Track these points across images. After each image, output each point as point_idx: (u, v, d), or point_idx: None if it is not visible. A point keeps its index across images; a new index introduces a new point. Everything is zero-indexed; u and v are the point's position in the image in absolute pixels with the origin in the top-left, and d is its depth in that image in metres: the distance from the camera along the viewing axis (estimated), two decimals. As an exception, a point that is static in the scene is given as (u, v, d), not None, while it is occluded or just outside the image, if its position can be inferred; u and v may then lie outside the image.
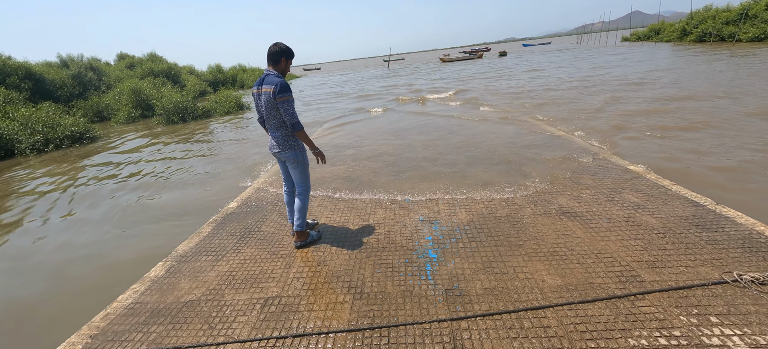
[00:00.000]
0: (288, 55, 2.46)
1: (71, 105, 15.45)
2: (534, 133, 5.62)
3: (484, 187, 3.54)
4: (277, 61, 2.42)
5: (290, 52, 2.47)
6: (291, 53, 2.47)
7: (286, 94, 2.32)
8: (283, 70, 2.46)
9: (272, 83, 2.32)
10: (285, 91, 2.32)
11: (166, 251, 2.95)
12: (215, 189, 4.74)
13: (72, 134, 9.17)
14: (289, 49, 2.47)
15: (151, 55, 26.39)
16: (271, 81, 2.34)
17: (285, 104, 2.33)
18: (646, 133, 5.27)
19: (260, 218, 3.33)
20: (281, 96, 2.31)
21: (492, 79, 15.23)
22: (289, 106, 2.34)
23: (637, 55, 19.38)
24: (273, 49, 2.40)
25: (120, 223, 4.06)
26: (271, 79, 2.35)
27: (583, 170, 3.76)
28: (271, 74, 2.38)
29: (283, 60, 2.44)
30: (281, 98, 2.31)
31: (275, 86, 2.30)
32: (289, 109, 2.34)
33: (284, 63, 2.45)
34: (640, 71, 12.44)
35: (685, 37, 29.44)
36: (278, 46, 2.41)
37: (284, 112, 2.34)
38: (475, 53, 41.28)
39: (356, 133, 6.92)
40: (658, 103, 7.18)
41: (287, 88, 2.34)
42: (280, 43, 2.45)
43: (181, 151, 7.31)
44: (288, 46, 2.47)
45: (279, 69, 2.43)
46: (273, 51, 2.40)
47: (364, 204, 3.40)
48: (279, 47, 2.41)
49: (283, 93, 2.31)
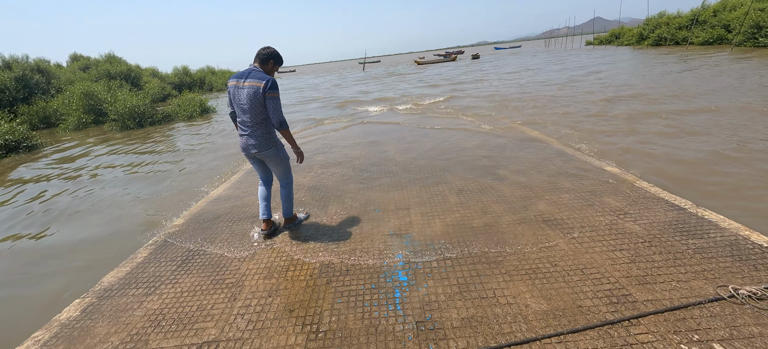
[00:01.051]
0: (277, 60, 2.47)
1: (14, 110, 13.93)
2: (508, 135, 5.49)
3: (459, 193, 3.29)
4: (265, 61, 2.43)
5: (279, 59, 2.49)
6: (280, 60, 2.49)
7: (275, 91, 2.32)
8: (269, 72, 2.46)
9: (262, 79, 2.30)
10: (275, 88, 2.33)
11: (90, 284, 2.45)
12: (159, 204, 4.18)
13: (6, 143, 8.11)
14: (279, 54, 2.49)
15: (109, 56, 24.57)
16: (259, 76, 2.32)
17: (273, 101, 2.33)
18: (621, 134, 5.27)
19: (208, 236, 2.89)
20: (271, 92, 2.30)
21: (470, 83, 15.31)
22: (277, 103, 2.35)
23: (608, 58, 20.26)
24: (263, 50, 2.42)
25: (31, 255, 3.45)
26: (260, 74, 2.34)
27: (560, 173, 3.61)
28: (258, 70, 2.37)
29: (271, 63, 2.45)
30: (271, 94, 2.31)
31: (266, 82, 2.29)
32: (277, 107, 2.35)
33: (271, 66, 2.45)
34: (614, 74, 12.88)
35: (643, 41, 31.33)
36: (270, 48, 2.44)
37: (272, 109, 2.32)
38: (449, 56, 41.94)
39: (327, 139, 6.53)
40: (633, 102, 7.33)
41: (276, 86, 2.35)
42: (275, 49, 2.47)
43: (127, 161, 6.59)
44: (278, 52, 2.49)
45: (265, 70, 2.43)
46: (263, 52, 2.42)
47: (329, 217, 3.04)
48: (270, 50, 2.43)
49: (273, 89, 2.31)
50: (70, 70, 21.02)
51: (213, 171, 5.32)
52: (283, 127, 2.39)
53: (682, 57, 15.94)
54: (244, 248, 2.63)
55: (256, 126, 2.39)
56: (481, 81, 14.72)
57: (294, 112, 11.16)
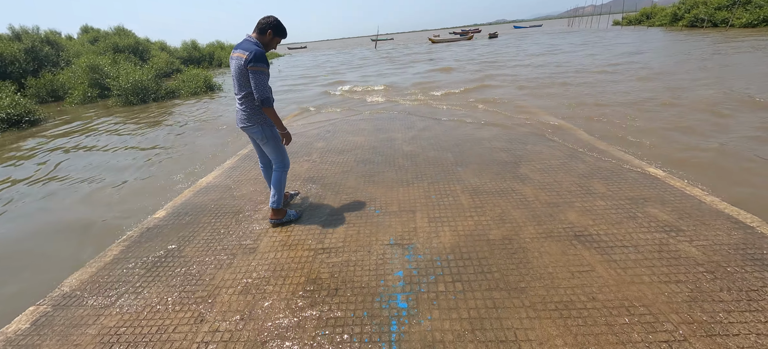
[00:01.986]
0: (277, 31, 2.23)
1: (23, 83, 13.91)
2: (530, 125, 4.94)
3: (474, 194, 2.85)
4: (263, 31, 2.20)
5: (280, 29, 2.24)
6: (281, 30, 2.24)
7: (260, 65, 2.09)
8: (267, 44, 2.23)
9: (248, 50, 2.10)
10: (260, 60, 2.09)
11: (52, 285, 2.18)
12: (144, 191, 3.88)
13: (8, 117, 7.98)
14: (280, 24, 2.24)
15: (118, 29, 24.33)
16: (247, 47, 2.12)
17: (257, 75, 2.10)
18: (665, 130, 4.66)
19: (188, 235, 2.57)
20: (254, 65, 2.08)
21: (488, 65, 14.45)
22: (261, 78, 2.12)
23: (642, 40, 18.83)
24: (263, 19, 2.20)
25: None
26: (249, 45, 2.13)
27: (593, 173, 3.11)
28: (250, 40, 2.17)
29: (269, 33, 2.21)
30: (254, 68, 2.09)
31: (250, 53, 2.08)
32: (260, 82, 2.12)
33: (269, 37, 2.22)
34: (653, 58, 11.85)
35: (677, 21, 29.10)
36: (270, 17, 2.21)
37: (255, 83, 2.11)
38: (466, 34, 40.13)
39: (331, 123, 6.10)
40: (669, 92, 6.59)
41: (262, 59, 2.11)
42: (277, 18, 2.23)
43: (119, 141, 6.34)
44: (280, 22, 2.24)
45: (263, 40, 2.21)
46: (262, 21, 2.20)
47: (323, 216, 2.67)
48: (270, 20, 2.20)
49: (256, 62, 2.08)
50: (79, 43, 20.91)
51: (206, 155, 4.99)
52: (264, 104, 2.18)
53: (725, 39, 14.57)
54: (223, 252, 2.30)
55: (243, 99, 2.24)
56: (500, 63, 13.84)
57: (297, 92, 10.70)
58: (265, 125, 2.30)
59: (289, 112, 7.40)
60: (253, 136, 2.39)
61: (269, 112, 2.23)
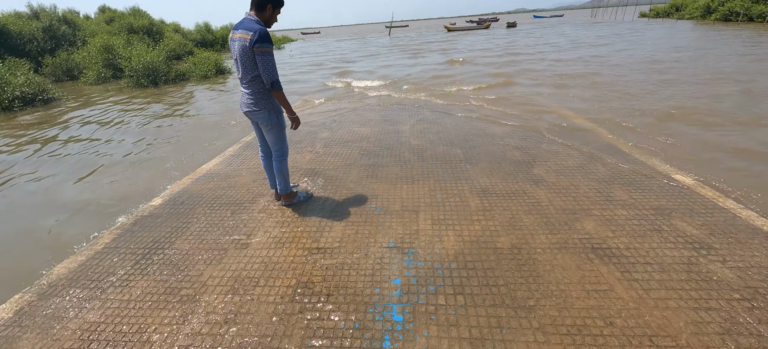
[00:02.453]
0: (276, 3, 2.09)
1: (40, 61, 14.16)
2: (547, 121, 4.67)
3: (483, 195, 2.67)
4: (262, 6, 2.06)
5: (279, 1, 2.11)
6: (279, 2, 2.11)
7: (265, 45, 1.98)
8: (268, 20, 2.10)
9: (251, 29, 1.97)
10: (265, 40, 1.98)
11: (38, 273, 2.13)
12: (144, 176, 3.81)
13: (23, 95, 8.10)
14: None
15: (134, 10, 24.46)
16: (249, 26, 1.99)
17: (263, 57, 2.00)
18: (696, 132, 4.32)
19: (182, 224, 2.48)
20: (260, 46, 1.97)
21: (505, 56, 13.92)
22: (268, 59, 2.02)
23: (675, 33, 17.81)
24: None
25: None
26: (250, 23, 2.00)
27: (613, 177, 2.88)
28: (251, 19, 2.03)
29: (269, 7, 2.07)
30: (260, 49, 1.98)
31: (254, 33, 1.96)
32: (268, 64, 2.02)
33: (270, 11, 2.09)
34: (691, 54, 11.16)
35: (709, 15, 27.44)
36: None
37: (262, 66, 2.02)
38: (483, 23, 38.92)
39: (337, 112, 5.94)
40: (705, 86, 6.15)
41: (268, 38, 1.99)
42: None
43: (127, 122, 6.33)
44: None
45: (263, 17, 2.08)
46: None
47: (322, 211, 2.54)
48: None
49: (262, 42, 1.97)
50: (95, 23, 21.10)
51: (209, 140, 4.91)
52: (274, 87, 2.09)
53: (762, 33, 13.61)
54: (214, 247, 2.20)
55: (249, 83, 2.13)
56: (518, 55, 13.30)
57: (305, 80, 10.53)
58: (272, 111, 2.21)
59: (291, 102, 7.25)
60: (257, 122, 2.31)
61: (279, 96, 2.14)
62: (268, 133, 2.33)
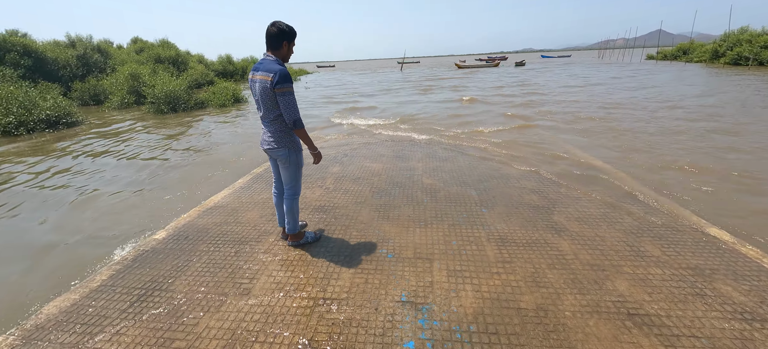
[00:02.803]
0: (290, 37, 2.07)
1: (70, 86, 14.97)
2: (564, 164, 4.54)
3: (501, 244, 2.50)
4: (278, 45, 2.05)
5: (292, 34, 2.08)
6: (293, 34, 2.08)
7: (286, 86, 1.99)
8: (285, 56, 2.11)
9: (271, 70, 1.98)
10: (285, 81, 1.99)
11: (29, 308, 2.01)
12: (150, 206, 3.78)
13: (48, 118, 8.44)
14: (292, 29, 2.07)
15: (163, 42, 26.08)
16: (269, 67, 2.00)
17: (285, 97, 2.01)
18: (731, 182, 4.12)
19: (183, 263, 2.37)
20: (281, 87, 1.98)
21: (517, 95, 14.11)
22: (290, 99, 2.03)
23: (689, 76, 17.89)
24: (271, 30, 2.02)
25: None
26: (270, 65, 2.02)
27: (642, 230, 2.68)
28: (270, 60, 2.05)
29: (285, 44, 2.07)
30: (281, 89, 1.99)
31: (274, 74, 1.97)
32: (289, 103, 2.03)
33: (286, 47, 2.09)
34: (711, 98, 11.07)
35: (718, 59, 27.67)
36: (277, 26, 2.02)
37: (284, 106, 2.03)
38: (492, 61, 40.06)
39: (349, 146, 5.94)
40: (727, 137, 5.98)
41: (288, 78, 2.00)
42: (279, 22, 2.04)
43: (139, 148, 6.45)
44: (290, 26, 2.06)
45: (280, 54, 2.08)
46: (272, 33, 2.02)
47: (329, 255, 2.39)
48: (278, 27, 2.02)
49: (282, 83, 1.98)
50: (126, 52, 22.48)
51: (220, 169, 4.92)
52: (297, 126, 2.10)
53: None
54: (214, 291, 2.06)
55: (271, 122, 2.14)
56: (530, 93, 13.45)
57: (319, 112, 10.76)
58: (292, 149, 2.21)
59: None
60: (276, 159, 2.29)
61: (301, 134, 2.15)
62: (284, 171, 2.30)
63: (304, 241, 2.55)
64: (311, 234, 2.60)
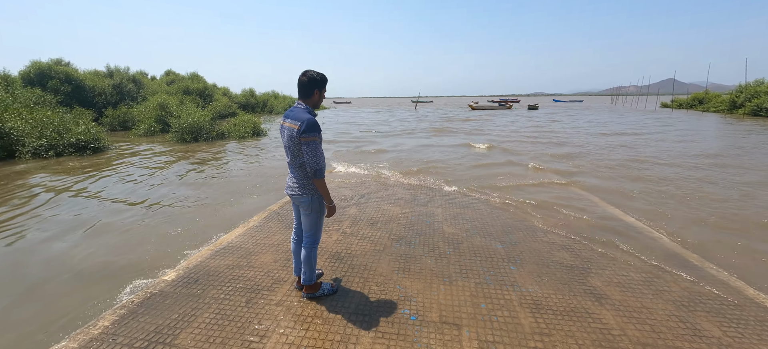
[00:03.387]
0: (321, 85, 2.10)
1: (102, 112, 15.86)
2: (593, 216, 4.29)
3: (535, 311, 2.25)
4: (309, 93, 2.08)
5: (323, 81, 2.11)
6: (324, 82, 2.11)
7: (312, 135, 1.98)
8: (316, 103, 2.13)
9: (299, 119, 1.99)
10: (312, 130, 1.97)
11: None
12: (161, 241, 3.69)
13: (77, 143, 8.82)
14: (323, 77, 2.11)
15: (193, 74, 27.81)
16: (297, 116, 2.01)
17: (310, 146, 1.99)
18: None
19: (190, 311, 2.21)
20: (306, 136, 1.97)
21: (533, 138, 14.07)
22: (315, 148, 2.01)
23: (713, 126, 17.54)
24: (302, 80, 2.05)
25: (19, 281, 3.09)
26: (299, 113, 2.03)
27: (694, 302, 2.39)
28: (300, 108, 2.06)
29: (316, 92, 2.10)
30: (306, 139, 1.98)
31: (302, 124, 1.97)
32: (313, 153, 2.01)
33: (317, 95, 2.11)
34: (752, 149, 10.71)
35: (736, 109, 27.24)
36: (308, 75, 2.05)
37: (307, 154, 2.01)
38: (505, 104, 40.69)
39: (366, 186, 5.87)
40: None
41: (315, 127, 1.99)
42: (311, 71, 2.06)
43: (154, 177, 6.54)
44: (321, 74, 2.10)
45: (311, 102, 2.10)
46: (303, 83, 2.05)
47: (345, 313, 2.20)
48: (309, 77, 2.05)
49: (309, 133, 1.97)
50: (158, 83, 23.96)
51: (235, 204, 4.87)
52: (317, 176, 2.06)
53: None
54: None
55: (296, 168, 2.13)
56: (549, 140, 13.37)
57: (333, 150, 10.90)
58: (315, 196, 2.16)
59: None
60: (299, 204, 2.22)
61: (319, 184, 2.10)
62: (306, 218, 2.22)
63: (320, 293, 2.38)
64: (328, 286, 2.43)
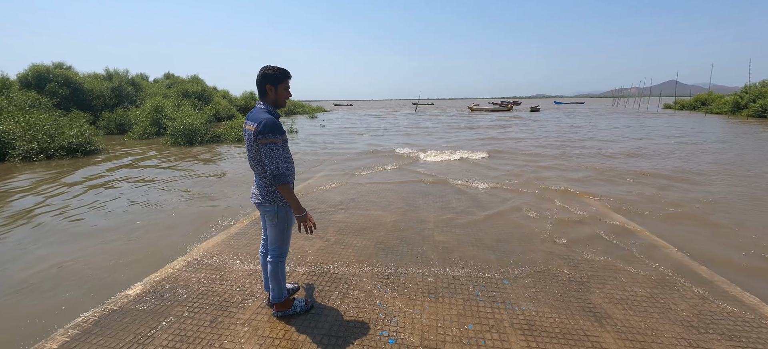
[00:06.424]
0: (274, 80, 1.87)
1: (98, 115, 15.78)
2: (594, 224, 4.06)
3: (529, 333, 2.04)
4: (263, 91, 1.89)
5: (276, 77, 1.87)
6: (277, 77, 1.87)
7: (270, 137, 1.77)
8: (276, 102, 1.91)
9: (256, 120, 1.80)
10: (269, 131, 1.77)
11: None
12: (134, 251, 3.47)
13: (69, 146, 8.68)
14: (277, 72, 1.87)
15: (193, 78, 27.78)
16: (255, 117, 1.83)
17: (268, 148, 1.78)
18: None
19: (147, 333, 2.01)
20: (263, 137, 1.76)
21: (537, 141, 13.84)
22: (273, 150, 1.78)
23: (726, 128, 17.22)
24: (257, 79, 1.87)
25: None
26: (257, 113, 1.84)
27: (704, 321, 2.16)
28: (260, 108, 1.88)
29: (271, 89, 1.87)
30: (264, 141, 1.77)
31: (258, 124, 1.77)
32: (273, 155, 1.79)
33: (273, 92, 1.89)
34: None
35: (740, 111, 26.88)
36: (261, 70, 1.86)
37: (266, 157, 1.79)
38: (505, 106, 40.46)
39: (357, 190, 5.67)
40: None
41: (274, 128, 1.78)
42: (266, 66, 1.87)
43: (144, 181, 6.37)
44: (276, 68, 1.87)
45: (270, 100, 1.89)
46: (257, 79, 1.87)
47: (320, 334, 2.00)
48: (262, 73, 1.86)
49: (265, 134, 1.76)
50: (157, 86, 23.92)
51: (222, 208, 4.68)
52: (278, 181, 1.81)
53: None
54: (174, 379, 1.68)
55: (259, 175, 1.94)
56: (552, 143, 13.13)
57: (329, 153, 10.72)
58: (281, 205, 1.95)
59: (314, 175, 7.16)
60: (264, 214, 2.04)
61: (283, 190, 1.85)
62: (271, 229, 2.02)
63: (292, 311, 2.18)
64: (301, 303, 2.22)
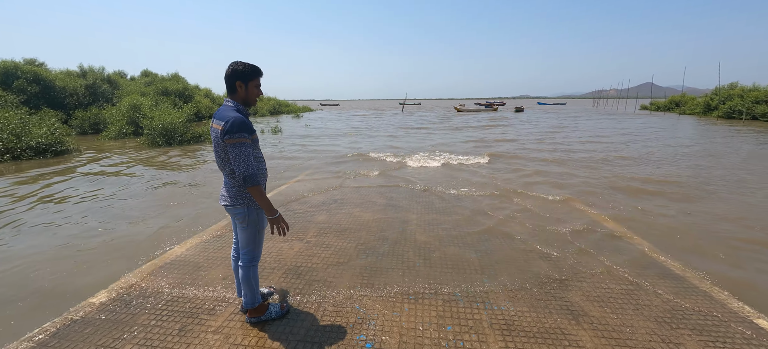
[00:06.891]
0: (245, 77, 1.77)
1: (71, 114, 15.04)
2: (573, 222, 4.13)
3: (507, 332, 2.03)
4: (232, 88, 1.78)
5: (247, 74, 1.77)
6: (248, 74, 1.78)
7: (238, 136, 1.67)
8: (245, 100, 1.80)
9: (223, 118, 1.69)
10: (238, 130, 1.67)
11: None
12: (101, 257, 3.32)
13: (37, 146, 8.22)
14: (248, 68, 1.77)
15: (174, 76, 26.91)
16: (222, 115, 1.72)
17: (235, 148, 1.68)
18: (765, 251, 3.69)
19: (112, 341, 1.89)
20: (231, 137, 1.67)
21: (519, 142, 14.07)
22: (242, 151, 1.69)
23: (696, 128, 17.95)
24: (226, 75, 1.78)
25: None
26: (225, 111, 1.73)
27: (676, 317, 2.21)
28: (228, 106, 1.78)
29: (239, 85, 1.77)
30: (232, 140, 1.67)
31: (226, 123, 1.68)
32: (241, 156, 1.69)
33: (243, 90, 1.79)
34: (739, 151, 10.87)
35: (711, 112, 28.22)
36: (231, 66, 1.77)
37: (234, 158, 1.69)
38: (490, 106, 41.12)
39: (340, 191, 5.59)
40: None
41: (242, 127, 1.68)
42: (237, 62, 1.78)
43: (117, 181, 6.10)
44: (247, 64, 1.77)
45: (238, 98, 1.79)
46: (226, 75, 1.78)
47: (295, 341, 1.92)
48: (231, 68, 1.76)
49: (233, 133, 1.66)
50: (135, 84, 23.02)
51: (198, 211, 4.51)
52: (248, 183, 1.72)
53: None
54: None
55: (227, 176, 1.86)
56: (534, 144, 13.36)
57: (313, 154, 10.59)
58: (251, 207, 1.86)
59: (295, 176, 7.04)
60: (234, 217, 1.93)
61: (254, 193, 1.75)
62: (242, 232, 1.93)
63: (267, 317, 2.10)
64: (276, 308, 2.15)
